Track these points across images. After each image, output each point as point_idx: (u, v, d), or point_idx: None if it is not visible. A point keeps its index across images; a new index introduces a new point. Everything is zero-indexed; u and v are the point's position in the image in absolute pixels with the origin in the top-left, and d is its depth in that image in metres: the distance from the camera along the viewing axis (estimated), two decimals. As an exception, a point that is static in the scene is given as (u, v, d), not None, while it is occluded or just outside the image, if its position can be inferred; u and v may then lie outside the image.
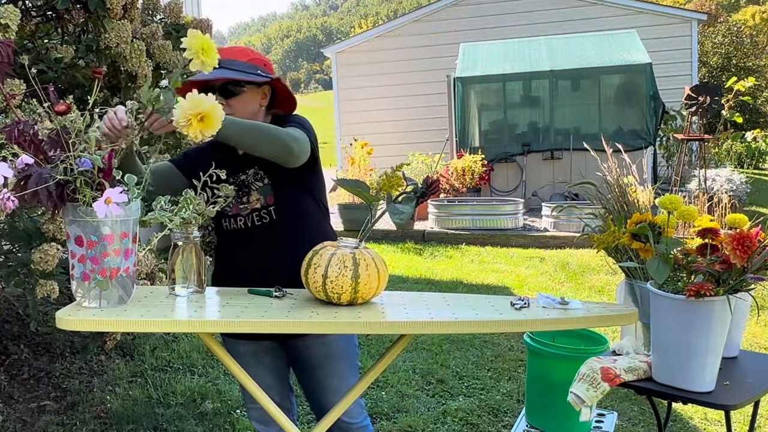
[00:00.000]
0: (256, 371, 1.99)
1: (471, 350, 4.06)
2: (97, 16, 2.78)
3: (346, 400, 1.82)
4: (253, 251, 1.96)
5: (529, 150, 9.58)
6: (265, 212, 1.95)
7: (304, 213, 1.98)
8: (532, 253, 7.00)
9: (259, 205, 1.95)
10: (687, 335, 1.61)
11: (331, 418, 1.82)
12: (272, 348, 2.07)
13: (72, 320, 1.52)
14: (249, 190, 1.95)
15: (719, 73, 19.09)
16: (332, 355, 2.01)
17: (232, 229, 1.97)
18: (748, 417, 2.69)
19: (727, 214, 6.40)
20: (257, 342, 2.03)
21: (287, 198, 1.95)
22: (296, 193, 1.97)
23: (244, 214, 1.96)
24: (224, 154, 1.94)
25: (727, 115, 9.54)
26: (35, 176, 1.42)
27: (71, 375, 3.60)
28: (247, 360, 2.01)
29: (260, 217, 1.95)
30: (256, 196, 1.95)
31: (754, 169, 15.61)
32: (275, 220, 1.95)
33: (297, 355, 2.06)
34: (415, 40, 12.77)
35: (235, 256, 2.00)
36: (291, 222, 1.95)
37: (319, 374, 2.03)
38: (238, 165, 1.95)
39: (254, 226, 1.95)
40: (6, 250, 2.71)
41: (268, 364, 2.08)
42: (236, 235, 1.98)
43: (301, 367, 2.07)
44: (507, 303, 1.72)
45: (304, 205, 1.99)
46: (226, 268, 2.04)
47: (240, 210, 1.96)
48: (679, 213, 1.69)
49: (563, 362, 2.20)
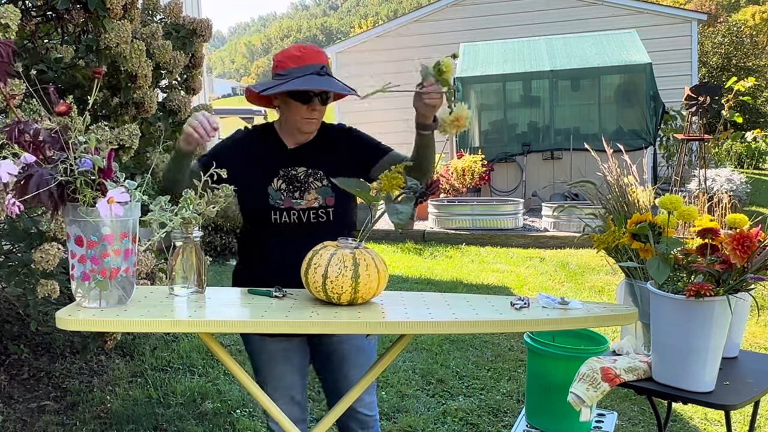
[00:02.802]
0: (283, 369, 2.01)
1: (471, 350, 4.06)
2: (97, 16, 2.78)
3: (348, 398, 1.82)
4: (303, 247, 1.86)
5: (529, 150, 9.58)
6: (323, 212, 1.98)
7: (352, 222, 2.06)
8: (532, 253, 7.00)
9: (317, 204, 1.98)
10: (687, 335, 1.61)
11: (334, 416, 1.82)
12: (301, 346, 2.08)
13: (72, 320, 1.52)
14: (305, 187, 1.98)
15: (719, 73, 19.07)
16: (359, 348, 2.05)
17: (282, 222, 1.97)
18: (748, 417, 2.69)
19: (727, 214, 6.40)
20: (288, 339, 2.03)
21: (345, 204, 2.02)
22: (350, 201, 2.04)
23: (298, 208, 1.97)
24: (269, 147, 2.01)
25: (727, 115, 9.53)
26: (36, 176, 1.42)
27: (71, 375, 3.60)
28: (276, 357, 2.02)
29: (317, 215, 1.98)
30: (314, 195, 1.97)
31: (754, 169, 15.60)
32: (332, 221, 1.99)
33: (324, 351, 2.07)
34: (415, 40, 12.76)
35: (281, 249, 1.96)
36: (342, 227, 2.00)
37: (347, 368, 2.06)
38: (287, 160, 1.99)
39: (309, 223, 1.97)
40: (6, 250, 2.71)
41: (295, 362, 2.08)
42: (286, 229, 1.97)
43: (328, 362, 2.09)
44: (507, 303, 1.72)
45: (352, 214, 2.08)
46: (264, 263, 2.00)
47: (293, 204, 1.97)
48: (679, 213, 1.69)
49: (563, 362, 2.20)
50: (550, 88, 9.65)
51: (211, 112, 3.96)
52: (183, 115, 3.57)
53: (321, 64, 1.91)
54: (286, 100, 1.93)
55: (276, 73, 1.92)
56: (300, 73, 1.86)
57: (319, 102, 1.94)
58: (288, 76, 1.87)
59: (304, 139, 2.02)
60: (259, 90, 1.88)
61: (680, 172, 8.34)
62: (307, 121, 1.95)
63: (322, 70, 1.88)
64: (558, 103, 9.70)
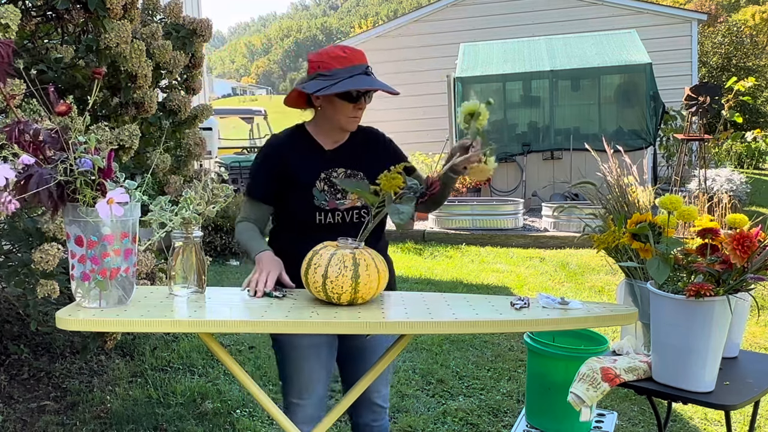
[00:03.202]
0: (313, 365, 2.02)
1: (471, 350, 4.06)
2: (97, 16, 2.78)
3: (350, 396, 1.83)
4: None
5: (529, 150, 9.58)
6: (365, 211, 2.02)
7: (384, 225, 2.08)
8: (532, 253, 7.00)
9: (360, 204, 2.01)
10: (687, 335, 1.61)
11: (336, 413, 1.82)
12: (331, 342, 2.08)
13: (72, 320, 1.53)
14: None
15: (719, 73, 19.07)
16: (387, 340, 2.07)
17: (327, 223, 2.01)
18: (748, 417, 2.69)
19: (727, 214, 6.40)
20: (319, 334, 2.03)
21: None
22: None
23: (342, 209, 2.01)
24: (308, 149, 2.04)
25: (727, 115, 9.53)
26: (36, 176, 1.42)
27: (71, 375, 3.60)
28: (306, 354, 2.02)
29: (360, 215, 2.02)
30: (355, 196, 2.00)
31: (754, 169, 15.60)
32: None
33: (350, 345, 2.09)
34: (415, 40, 12.77)
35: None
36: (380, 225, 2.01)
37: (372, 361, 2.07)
38: (327, 162, 2.03)
39: (352, 223, 2.01)
40: (6, 250, 2.71)
41: (324, 358, 2.08)
42: (329, 230, 1.99)
43: (358, 356, 2.10)
44: (507, 303, 1.72)
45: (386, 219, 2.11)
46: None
47: (337, 205, 2.00)
48: (679, 213, 1.69)
49: (563, 362, 2.20)
50: (550, 88, 9.65)
51: (211, 112, 3.97)
52: (183, 115, 3.57)
53: (365, 64, 1.96)
54: (331, 100, 1.96)
55: (318, 73, 1.93)
56: (348, 74, 1.90)
57: (365, 101, 1.99)
58: (334, 77, 1.90)
59: (341, 139, 2.06)
60: (313, 90, 1.90)
61: (680, 172, 8.34)
62: (352, 119, 2.00)
63: (367, 70, 1.94)
64: (558, 103, 9.69)
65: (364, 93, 1.96)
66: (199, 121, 3.73)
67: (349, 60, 1.92)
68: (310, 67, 1.96)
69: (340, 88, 1.87)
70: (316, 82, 1.91)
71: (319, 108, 2.01)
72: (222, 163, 10.76)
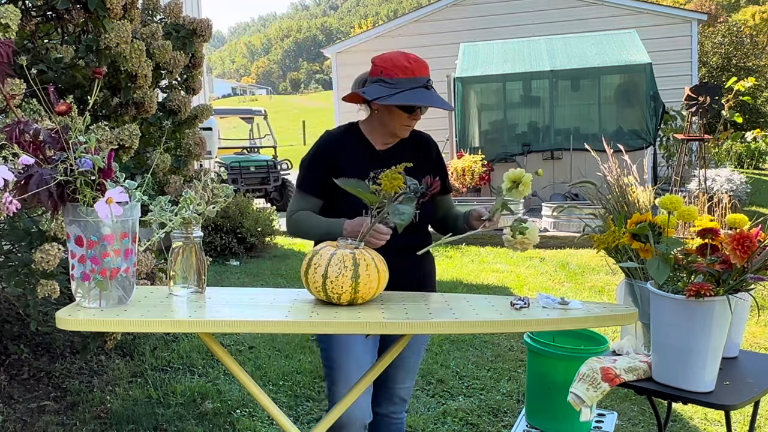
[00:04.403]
0: (362, 359, 2.00)
1: (471, 350, 4.06)
2: (97, 16, 2.78)
3: (351, 395, 1.83)
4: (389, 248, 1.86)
5: (529, 150, 9.58)
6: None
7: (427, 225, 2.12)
8: (532, 253, 7.00)
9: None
10: (687, 335, 1.61)
11: (338, 411, 1.82)
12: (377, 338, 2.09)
13: (72, 320, 1.52)
14: None
15: (719, 73, 19.08)
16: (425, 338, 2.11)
17: None
18: (748, 417, 2.70)
19: (727, 214, 6.40)
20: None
21: (429, 204, 2.09)
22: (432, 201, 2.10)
23: None
24: (359, 148, 2.07)
25: (727, 115, 9.54)
26: (36, 176, 1.42)
27: (71, 375, 3.60)
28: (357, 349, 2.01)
29: None
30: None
31: (754, 169, 15.61)
32: (417, 221, 2.03)
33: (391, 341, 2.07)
34: (414, 40, 12.76)
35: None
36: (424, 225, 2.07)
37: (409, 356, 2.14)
38: (378, 162, 2.05)
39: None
40: (6, 250, 2.70)
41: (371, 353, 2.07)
42: None
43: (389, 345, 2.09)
44: (507, 303, 1.72)
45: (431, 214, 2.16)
46: None
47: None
48: (679, 213, 1.69)
49: (563, 362, 2.20)
50: (550, 88, 9.65)
51: (211, 112, 3.97)
52: (183, 115, 3.57)
53: (427, 77, 1.99)
54: (389, 108, 2.00)
55: (380, 78, 1.96)
56: (410, 85, 1.94)
57: (420, 112, 2.03)
58: (397, 86, 1.93)
59: (393, 140, 2.10)
60: (373, 97, 1.93)
61: (680, 172, 8.34)
62: (406, 128, 2.06)
63: (428, 84, 1.98)
64: (558, 103, 9.70)
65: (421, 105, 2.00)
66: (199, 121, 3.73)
67: (412, 71, 1.96)
68: (373, 70, 2.00)
69: (399, 100, 1.91)
70: (377, 87, 1.95)
71: (376, 111, 2.05)
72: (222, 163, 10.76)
